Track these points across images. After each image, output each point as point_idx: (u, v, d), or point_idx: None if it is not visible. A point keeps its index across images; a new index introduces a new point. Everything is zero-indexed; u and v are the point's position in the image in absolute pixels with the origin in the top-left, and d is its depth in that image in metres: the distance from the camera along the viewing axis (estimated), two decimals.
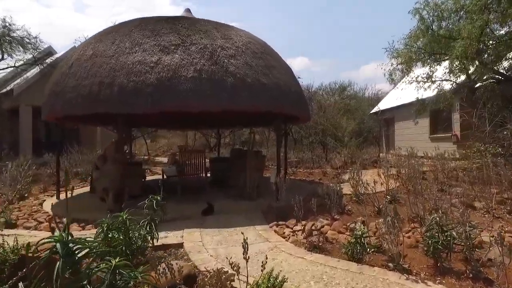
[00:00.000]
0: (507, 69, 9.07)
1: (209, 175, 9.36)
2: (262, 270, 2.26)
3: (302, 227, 4.41)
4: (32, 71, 14.30)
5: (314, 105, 17.03)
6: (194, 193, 7.05)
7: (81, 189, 8.73)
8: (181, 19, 6.73)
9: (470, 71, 9.33)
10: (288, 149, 12.94)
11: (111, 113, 5.55)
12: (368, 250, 3.40)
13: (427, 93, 10.86)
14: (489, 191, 5.56)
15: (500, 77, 9.07)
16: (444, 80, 10.25)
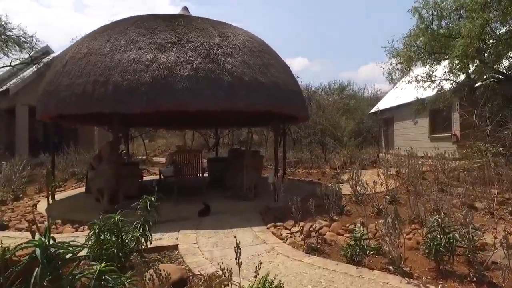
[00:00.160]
0: (507, 68, 8.98)
1: (206, 175, 9.29)
2: (255, 276, 2.16)
3: (300, 229, 4.30)
4: (28, 71, 14.16)
5: (313, 104, 16.93)
6: (191, 194, 6.95)
7: (77, 189, 8.64)
8: (178, 17, 6.62)
9: (470, 70, 9.24)
10: (287, 149, 12.84)
11: (106, 113, 5.45)
12: (367, 252, 3.31)
13: (426, 93, 10.77)
14: (490, 192, 5.47)
15: (500, 76, 8.98)
16: (443, 79, 10.15)
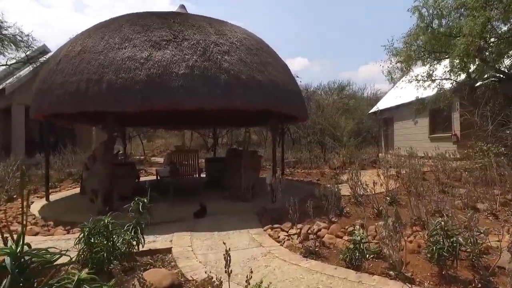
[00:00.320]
0: (509, 67, 8.86)
1: (204, 175, 9.17)
2: (246, 286, 2.04)
3: (297, 231, 4.18)
4: (25, 70, 14.01)
5: (312, 104, 16.80)
6: (188, 194, 6.83)
7: (73, 190, 8.52)
8: (174, 15, 6.49)
9: (470, 70, 9.13)
10: (286, 149, 12.72)
11: (100, 111, 5.32)
12: (367, 256, 3.19)
13: (426, 92, 10.66)
14: (492, 193, 5.36)
15: (501, 76, 8.87)
16: (444, 79, 10.04)
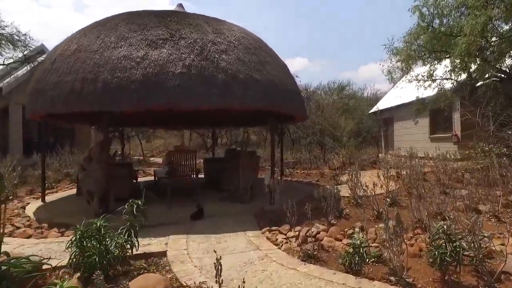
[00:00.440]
0: (510, 67, 8.77)
1: (202, 176, 9.08)
2: None
3: (296, 234, 4.09)
4: (22, 70, 13.94)
5: (312, 104, 16.72)
6: (185, 195, 6.74)
7: (70, 190, 8.45)
8: (171, 13, 6.41)
9: (471, 69, 9.04)
10: (285, 150, 12.63)
11: (96, 111, 5.24)
12: (367, 260, 3.09)
13: (427, 92, 10.56)
14: (494, 194, 5.27)
15: (503, 75, 8.77)
16: (444, 78, 9.95)
